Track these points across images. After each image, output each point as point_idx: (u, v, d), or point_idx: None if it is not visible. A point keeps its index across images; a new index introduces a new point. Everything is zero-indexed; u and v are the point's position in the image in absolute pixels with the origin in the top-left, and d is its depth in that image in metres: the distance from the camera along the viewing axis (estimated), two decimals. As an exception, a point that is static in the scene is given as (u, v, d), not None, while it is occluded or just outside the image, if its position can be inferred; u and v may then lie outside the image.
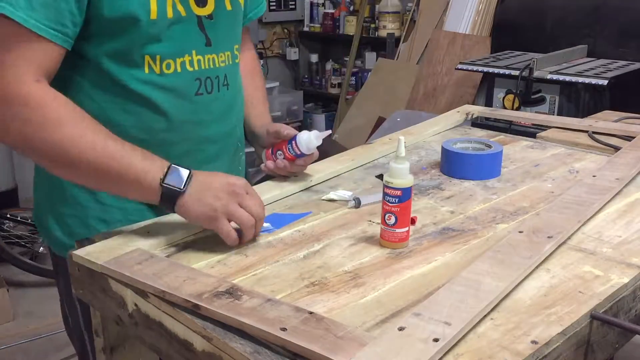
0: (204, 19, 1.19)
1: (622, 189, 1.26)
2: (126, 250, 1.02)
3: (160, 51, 1.14)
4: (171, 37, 1.14)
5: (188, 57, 1.18)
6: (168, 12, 1.12)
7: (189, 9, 1.16)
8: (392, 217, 1.04)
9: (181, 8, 1.14)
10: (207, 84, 1.21)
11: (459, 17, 3.71)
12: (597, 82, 2.65)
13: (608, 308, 0.88)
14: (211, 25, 1.20)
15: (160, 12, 1.11)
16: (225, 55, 1.25)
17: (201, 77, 1.20)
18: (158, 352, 0.96)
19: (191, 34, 1.18)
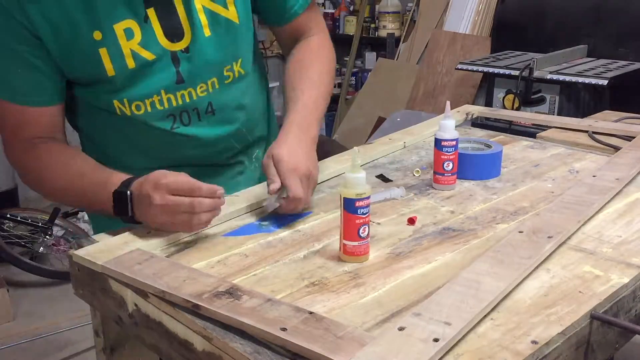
0: (179, 54, 1.16)
1: (622, 189, 1.25)
2: (126, 250, 1.02)
3: (126, 96, 1.15)
4: (136, 83, 1.14)
5: (157, 97, 1.17)
6: (128, 64, 1.12)
7: (159, 48, 1.14)
8: (367, 228, 1.00)
9: (146, 53, 1.13)
10: (183, 118, 1.21)
11: (459, 17, 3.71)
12: (597, 82, 2.65)
13: (608, 308, 0.88)
14: (187, 59, 1.17)
15: (118, 67, 1.12)
16: (208, 83, 1.21)
17: (175, 113, 1.19)
18: (158, 352, 0.96)
19: (160, 75, 1.15)
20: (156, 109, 1.17)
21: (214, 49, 1.20)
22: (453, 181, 1.29)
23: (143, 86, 1.15)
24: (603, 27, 3.15)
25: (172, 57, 1.16)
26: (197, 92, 1.20)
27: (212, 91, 1.22)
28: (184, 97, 1.19)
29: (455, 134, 1.28)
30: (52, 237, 3.30)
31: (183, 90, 1.18)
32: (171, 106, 1.19)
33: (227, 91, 1.25)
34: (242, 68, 1.26)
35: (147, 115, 1.18)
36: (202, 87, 1.20)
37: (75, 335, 2.75)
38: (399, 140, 1.58)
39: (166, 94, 1.17)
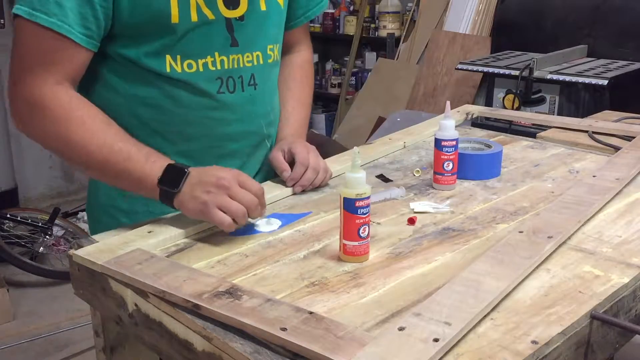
0: (233, 21, 1.19)
1: (622, 189, 1.25)
2: (126, 250, 1.02)
3: (182, 52, 1.16)
4: (194, 39, 1.16)
5: (210, 58, 1.19)
6: (192, 16, 1.14)
7: (218, 12, 1.16)
8: (367, 228, 1.00)
9: (207, 11, 1.15)
10: (229, 84, 1.22)
11: (459, 17, 3.71)
12: (597, 82, 2.65)
13: (608, 308, 0.88)
14: (240, 27, 1.20)
15: (183, 16, 1.13)
16: (254, 55, 1.24)
17: (223, 76, 1.21)
18: (158, 352, 0.96)
19: (216, 37, 1.18)
20: (208, 70, 1.19)
21: (265, 25, 1.25)
22: (453, 181, 1.29)
23: (199, 45, 1.17)
24: (603, 27, 3.14)
25: (226, 23, 1.18)
26: (244, 59, 1.23)
27: (256, 64, 1.25)
28: (234, 62, 1.21)
29: (455, 134, 1.28)
30: (52, 237, 3.30)
31: (234, 54, 1.21)
32: (223, 68, 1.20)
33: (268, 70, 1.28)
34: (278, 54, 1.32)
35: (197, 76, 1.18)
36: (249, 57, 1.23)
37: (75, 335, 2.75)
38: (399, 140, 1.58)
39: (220, 55, 1.19)
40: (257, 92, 1.26)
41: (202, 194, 1.06)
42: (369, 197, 1.00)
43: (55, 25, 1.05)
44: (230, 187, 1.06)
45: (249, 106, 1.26)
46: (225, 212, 1.05)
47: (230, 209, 1.05)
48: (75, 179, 4.16)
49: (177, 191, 1.08)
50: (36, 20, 1.05)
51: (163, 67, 1.16)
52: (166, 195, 1.09)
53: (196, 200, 1.07)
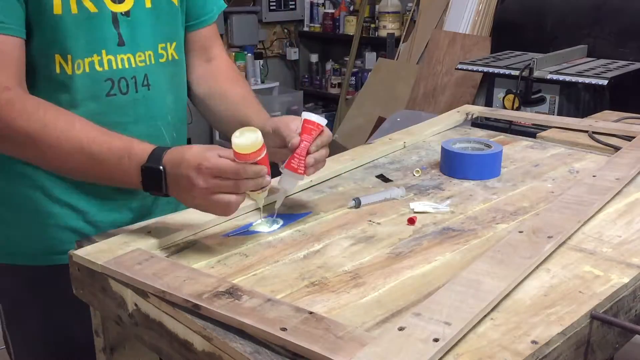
0: (119, 16, 1.16)
1: (622, 189, 1.26)
2: (126, 250, 1.02)
3: (69, 49, 1.12)
4: (79, 35, 1.12)
5: (97, 57, 1.15)
6: (72, 8, 1.10)
7: (102, 4, 1.14)
8: None
9: (89, 4, 1.12)
10: (122, 85, 1.18)
11: (459, 17, 3.71)
12: (597, 82, 2.65)
13: (608, 308, 0.88)
14: (128, 23, 1.17)
15: (65, 7, 1.10)
16: (146, 54, 1.21)
17: (113, 77, 1.17)
18: (158, 352, 0.96)
19: (101, 32, 1.14)
20: (95, 70, 1.15)
21: (152, 21, 1.21)
22: None
23: (84, 41, 1.13)
24: (603, 27, 3.14)
25: (112, 17, 1.15)
26: (135, 60, 1.19)
27: (148, 64, 1.21)
28: (124, 61, 1.18)
29: None
30: (52, 237, 3.30)
31: (123, 54, 1.17)
32: (111, 68, 1.16)
33: (161, 69, 1.24)
34: (175, 52, 1.28)
35: (87, 76, 1.14)
36: (141, 56, 1.20)
37: (75, 335, 2.74)
38: (399, 140, 1.58)
39: (107, 54, 1.16)
40: (150, 93, 1.22)
41: (191, 198, 1.02)
42: None
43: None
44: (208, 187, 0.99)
45: (143, 108, 1.22)
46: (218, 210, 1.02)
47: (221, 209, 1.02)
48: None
49: (167, 193, 1.04)
50: None
51: (53, 67, 1.12)
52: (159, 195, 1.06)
53: (190, 203, 1.04)
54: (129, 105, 1.20)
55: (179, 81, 1.32)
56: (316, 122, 1.13)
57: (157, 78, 1.23)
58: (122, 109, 1.19)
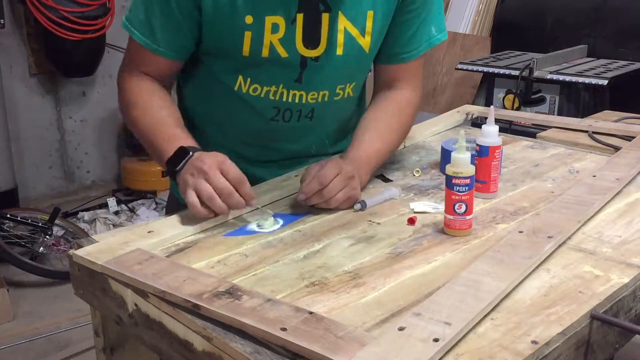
0: (309, 60, 1.22)
1: (622, 189, 1.25)
2: (126, 250, 1.02)
3: (251, 76, 1.25)
4: (264, 69, 1.24)
5: (274, 88, 1.26)
6: (263, 52, 1.21)
7: (294, 50, 1.22)
8: (462, 205, 1.07)
9: (281, 50, 1.20)
10: (286, 115, 1.29)
11: (459, 17, 3.71)
12: (597, 82, 2.65)
13: (608, 308, 0.88)
14: (314, 67, 1.23)
15: (254, 51, 1.21)
16: (320, 94, 1.28)
17: (280, 107, 1.27)
18: (158, 352, 0.96)
19: (285, 71, 1.23)
20: (268, 98, 1.27)
21: (339, 68, 1.27)
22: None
23: (267, 74, 1.24)
24: (603, 27, 3.14)
25: (301, 61, 1.23)
26: (307, 97, 1.28)
27: (320, 102, 1.29)
28: (295, 97, 1.27)
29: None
30: (52, 237, 3.30)
31: (296, 90, 1.26)
32: (281, 100, 1.27)
33: (332, 106, 1.32)
34: (352, 91, 1.33)
35: (259, 100, 1.27)
36: (314, 95, 1.28)
37: (75, 335, 2.75)
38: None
39: (282, 88, 1.26)
40: (312, 123, 1.31)
41: (187, 175, 1.12)
42: (470, 178, 1.07)
43: (147, 44, 1.24)
44: (207, 172, 1.10)
45: (302, 132, 1.34)
46: (198, 194, 1.10)
47: (202, 192, 1.09)
48: (76, 179, 4.16)
49: (176, 170, 1.15)
50: (132, 36, 1.25)
51: (233, 83, 1.27)
52: (170, 173, 1.18)
53: (182, 181, 1.13)
54: (289, 129, 1.32)
55: (352, 108, 1.41)
56: None
57: (324, 112, 1.32)
58: (281, 132, 1.33)
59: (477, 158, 1.23)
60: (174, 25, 1.21)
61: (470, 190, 1.08)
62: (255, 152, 1.37)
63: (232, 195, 1.10)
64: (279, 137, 1.35)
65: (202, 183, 1.10)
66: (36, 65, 3.82)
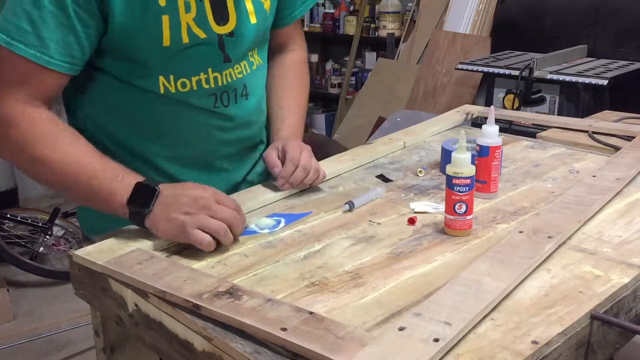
0: (224, 37, 1.19)
1: (622, 189, 1.25)
2: (126, 250, 1.02)
3: (174, 72, 1.16)
4: (186, 58, 1.15)
5: (204, 75, 1.19)
6: (183, 38, 1.13)
7: (209, 29, 1.16)
8: (462, 205, 1.07)
9: (199, 31, 1.15)
10: (224, 98, 1.23)
11: (459, 17, 3.71)
12: (597, 82, 2.65)
13: (608, 308, 0.88)
14: (232, 43, 1.20)
15: (174, 39, 1.12)
16: (242, 65, 1.25)
17: (217, 92, 1.21)
18: (158, 352, 0.96)
19: (209, 54, 1.18)
20: (202, 88, 1.19)
21: (253, 35, 1.25)
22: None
23: (192, 64, 1.17)
24: (603, 27, 3.14)
25: (218, 41, 1.18)
26: (235, 72, 1.23)
27: (245, 73, 1.26)
28: (226, 76, 1.22)
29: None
30: (52, 237, 3.30)
31: (226, 70, 1.22)
32: (216, 85, 1.21)
33: (255, 75, 1.29)
34: (259, 57, 1.31)
35: (191, 94, 1.19)
36: (238, 68, 1.24)
37: (75, 335, 2.75)
38: (399, 140, 1.58)
39: (213, 72, 1.20)
40: (248, 102, 1.27)
41: (179, 215, 1.03)
42: (470, 178, 1.07)
43: (34, 56, 1.04)
44: (210, 207, 1.04)
45: (244, 116, 1.27)
46: (207, 232, 1.03)
47: (213, 228, 1.03)
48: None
49: (147, 211, 1.04)
50: (13, 50, 1.03)
51: (157, 88, 1.16)
52: (136, 216, 1.06)
53: (172, 222, 1.03)
54: (231, 115, 1.25)
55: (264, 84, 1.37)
56: None
57: (252, 85, 1.28)
58: (225, 118, 1.25)
59: (478, 158, 1.23)
60: (70, 33, 1.05)
61: (470, 191, 1.08)
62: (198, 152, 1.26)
63: (240, 225, 1.07)
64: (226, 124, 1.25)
65: (207, 219, 1.02)
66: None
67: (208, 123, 1.23)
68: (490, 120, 1.25)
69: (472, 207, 1.09)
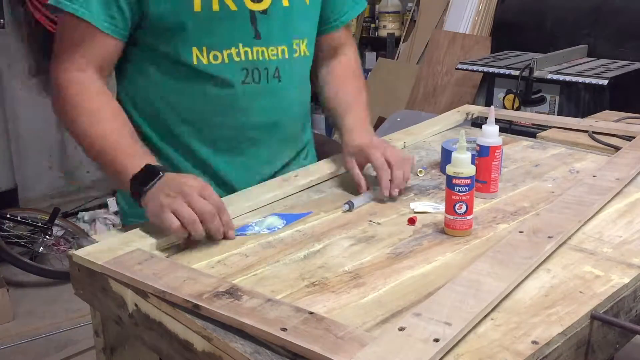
0: (257, 14, 1.22)
1: (622, 189, 1.25)
2: (126, 250, 1.02)
3: (207, 43, 1.20)
4: (217, 30, 1.20)
5: (235, 49, 1.22)
6: (213, 6, 1.18)
7: (242, 3, 1.20)
8: (462, 205, 1.07)
9: (230, 2, 1.18)
10: (255, 75, 1.25)
11: (459, 17, 3.71)
12: (597, 82, 2.65)
13: (608, 308, 0.88)
14: (264, 20, 1.23)
15: (205, 5, 1.17)
16: (279, 49, 1.27)
17: (248, 67, 1.24)
18: (158, 352, 0.96)
19: (239, 28, 1.21)
20: (233, 61, 1.23)
21: (288, 19, 1.27)
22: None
23: (223, 35, 1.21)
24: (603, 27, 3.14)
25: (250, 16, 1.22)
26: (269, 52, 1.26)
27: (281, 58, 1.28)
28: (258, 53, 1.25)
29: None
30: (52, 237, 3.30)
31: (258, 47, 1.24)
32: (247, 59, 1.24)
33: (293, 64, 1.31)
34: (307, 49, 1.33)
35: (223, 67, 1.22)
36: (273, 50, 1.26)
37: (75, 335, 2.75)
38: (399, 140, 1.58)
39: (244, 47, 1.23)
40: (281, 85, 1.28)
41: (162, 197, 1.06)
42: (470, 178, 1.07)
43: (79, 11, 1.13)
44: (189, 194, 1.05)
45: (271, 97, 1.28)
46: (178, 217, 1.03)
47: (182, 214, 1.03)
48: (76, 179, 4.16)
49: (145, 190, 1.08)
50: (60, 6, 1.13)
51: (190, 58, 1.20)
52: (135, 192, 1.10)
53: (155, 202, 1.06)
54: (260, 94, 1.27)
55: (307, 77, 1.39)
56: None
57: (289, 72, 1.30)
58: (254, 96, 1.27)
59: (478, 158, 1.23)
60: None
61: (470, 191, 1.08)
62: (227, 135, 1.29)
63: (214, 220, 1.06)
64: (251, 105, 1.27)
65: (182, 205, 1.04)
66: (36, 65, 3.82)
67: (235, 105, 1.25)
68: (491, 120, 1.25)
69: (472, 207, 1.09)
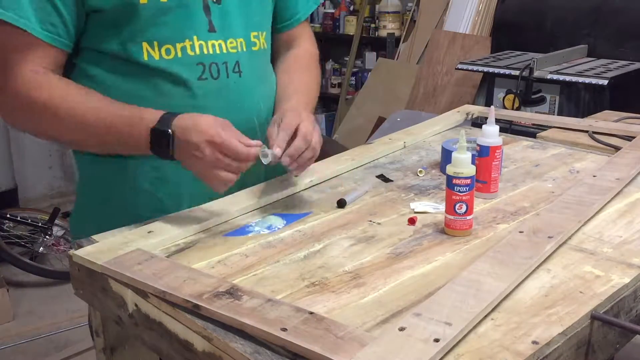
0: (210, 4, 1.17)
1: (622, 189, 1.25)
2: (126, 250, 1.02)
3: (157, 37, 1.14)
4: (168, 22, 1.13)
5: (189, 42, 1.16)
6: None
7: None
8: (463, 205, 1.07)
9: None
10: (212, 70, 1.19)
11: (459, 17, 3.71)
12: (597, 82, 2.65)
13: (609, 308, 0.88)
14: (218, 11, 1.19)
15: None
16: (237, 41, 1.22)
17: (205, 62, 1.18)
18: (158, 352, 0.96)
19: (192, 19, 1.16)
20: (187, 55, 1.16)
21: (244, 11, 1.23)
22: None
23: (175, 28, 1.15)
24: (603, 27, 3.14)
25: (203, 5, 1.17)
26: (227, 45, 1.21)
27: (240, 51, 1.23)
28: (215, 47, 1.19)
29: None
30: (52, 237, 3.30)
31: (214, 40, 1.19)
32: (202, 53, 1.18)
33: (253, 58, 1.26)
34: (265, 42, 1.30)
35: (176, 62, 1.16)
36: (232, 42, 1.21)
37: (75, 335, 2.75)
38: (399, 140, 1.58)
39: (198, 40, 1.17)
40: (242, 80, 1.23)
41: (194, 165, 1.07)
42: (470, 178, 1.07)
43: (12, 19, 1.06)
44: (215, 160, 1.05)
45: (234, 95, 1.22)
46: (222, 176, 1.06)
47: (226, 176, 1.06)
48: (75, 179, 4.16)
49: (173, 157, 1.09)
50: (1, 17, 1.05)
51: (140, 55, 1.14)
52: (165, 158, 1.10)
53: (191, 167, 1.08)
54: (220, 90, 1.20)
55: (270, 71, 1.35)
56: None
57: (249, 66, 1.25)
58: (212, 94, 1.20)
59: (478, 158, 1.23)
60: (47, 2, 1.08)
61: (470, 191, 1.08)
62: None
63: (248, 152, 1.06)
64: (211, 104, 1.19)
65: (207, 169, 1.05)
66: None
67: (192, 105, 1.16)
68: (491, 120, 1.25)
69: (472, 207, 1.09)
